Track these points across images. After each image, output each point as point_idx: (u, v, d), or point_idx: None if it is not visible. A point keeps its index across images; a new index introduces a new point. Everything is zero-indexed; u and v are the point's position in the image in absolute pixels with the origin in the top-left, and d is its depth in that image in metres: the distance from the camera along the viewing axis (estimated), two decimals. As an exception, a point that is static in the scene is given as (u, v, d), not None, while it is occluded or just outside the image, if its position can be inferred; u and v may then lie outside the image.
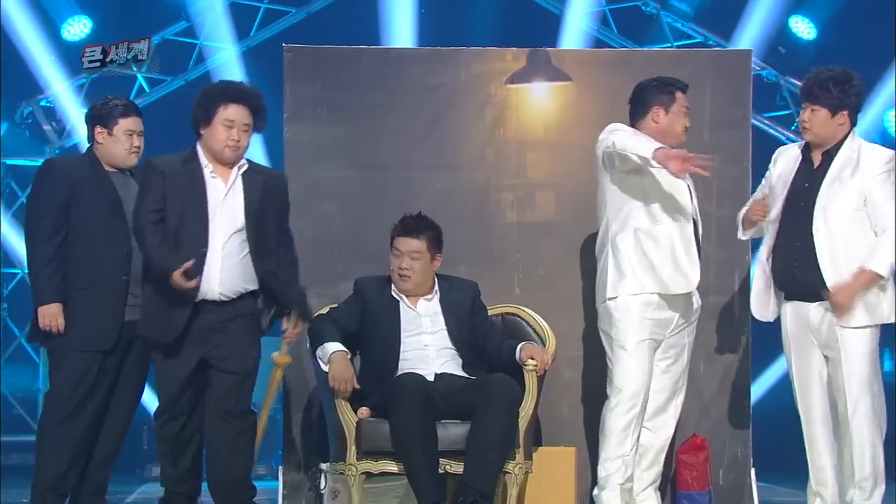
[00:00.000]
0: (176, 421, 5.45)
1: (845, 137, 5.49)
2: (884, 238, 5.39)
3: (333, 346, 5.61)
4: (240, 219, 5.45)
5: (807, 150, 5.59)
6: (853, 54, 9.42)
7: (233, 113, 5.42)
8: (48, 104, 9.53)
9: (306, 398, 6.50)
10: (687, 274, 5.57)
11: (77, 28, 9.54)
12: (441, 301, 5.87)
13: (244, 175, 5.50)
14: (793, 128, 9.47)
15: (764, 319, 5.68)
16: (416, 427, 5.43)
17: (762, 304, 5.63)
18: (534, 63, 6.83)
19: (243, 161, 5.52)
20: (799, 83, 9.59)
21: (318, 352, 5.66)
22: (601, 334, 5.72)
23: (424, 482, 5.42)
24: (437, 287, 5.89)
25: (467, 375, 5.74)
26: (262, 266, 5.48)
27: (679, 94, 5.69)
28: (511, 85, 6.83)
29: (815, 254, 5.40)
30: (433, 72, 6.82)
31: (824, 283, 5.40)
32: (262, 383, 5.71)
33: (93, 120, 5.74)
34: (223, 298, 5.42)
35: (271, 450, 8.32)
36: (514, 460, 5.63)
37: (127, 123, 5.69)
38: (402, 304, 5.84)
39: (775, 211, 5.55)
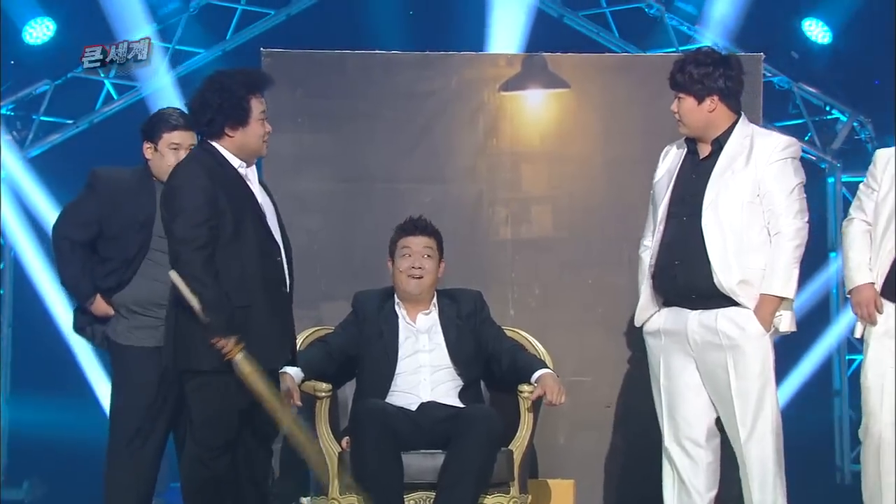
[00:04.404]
0: (227, 454, 5.09)
1: (734, 125, 5.30)
2: (778, 251, 5.16)
3: (284, 368, 5.49)
4: (277, 225, 5.24)
5: (691, 141, 5.37)
6: (870, 59, 9.51)
7: (263, 104, 5.19)
8: (9, 112, 9.55)
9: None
10: None
11: (40, 31, 9.55)
12: (440, 314, 5.92)
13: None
14: (806, 138, 9.51)
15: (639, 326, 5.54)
16: (373, 458, 5.49)
17: (644, 310, 5.46)
18: (529, 69, 6.89)
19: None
20: (814, 90, 9.73)
21: None
22: None
23: None
24: (435, 301, 5.95)
25: (457, 404, 5.79)
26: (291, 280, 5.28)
27: None
28: (505, 92, 6.89)
29: (701, 252, 5.19)
30: (422, 78, 6.88)
31: (707, 283, 5.19)
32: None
33: (141, 135, 5.74)
34: None
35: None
36: (508, 494, 5.67)
37: (172, 137, 5.64)
38: (401, 321, 5.89)
39: (662, 208, 5.37)
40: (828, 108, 9.79)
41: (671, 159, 5.44)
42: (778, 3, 9.64)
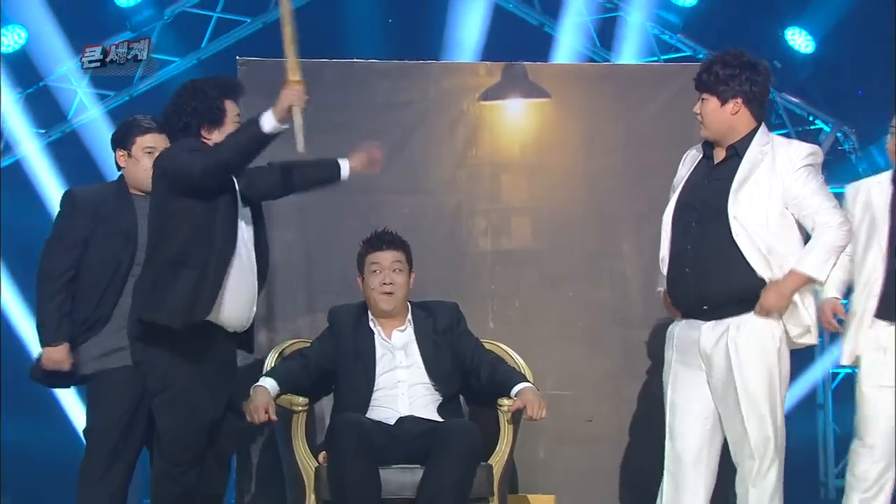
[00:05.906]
0: (196, 469, 5.19)
1: (754, 132, 5.25)
2: (820, 235, 5.10)
3: (260, 381, 5.64)
4: (249, 228, 5.31)
5: (708, 146, 5.34)
6: (855, 68, 9.57)
7: (237, 108, 5.29)
8: (-22, 120, 9.54)
9: (261, 442, 6.54)
10: None
11: (11, 38, 9.56)
12: (416, 330, 5.95)
13: None
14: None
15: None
16: (350, 472, 5.49)
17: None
18: (509, 78, 6.91)
19: None
20: (797, 100, 9.78)
21: None
22: None
23: None
24: (410, 316, 5.98)
25: (436, 418, 5.81)
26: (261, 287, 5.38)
27: None
28: (485, 102, 6.91)
29: (712, 259, 5.13)
30: (401, 87, 6.90)
31: (718, 291, 5.15)
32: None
33: (112, 144, 5.75)
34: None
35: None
36: (488, 510, 5.71)
37: (145, 141, 5.66)
38: (377, 338, 5.92)
39: (668, 213, 5.35)
40: (811, 118, 9.85)
41: (687, 164, 5.44)
42: (761, 12, 9.69)
